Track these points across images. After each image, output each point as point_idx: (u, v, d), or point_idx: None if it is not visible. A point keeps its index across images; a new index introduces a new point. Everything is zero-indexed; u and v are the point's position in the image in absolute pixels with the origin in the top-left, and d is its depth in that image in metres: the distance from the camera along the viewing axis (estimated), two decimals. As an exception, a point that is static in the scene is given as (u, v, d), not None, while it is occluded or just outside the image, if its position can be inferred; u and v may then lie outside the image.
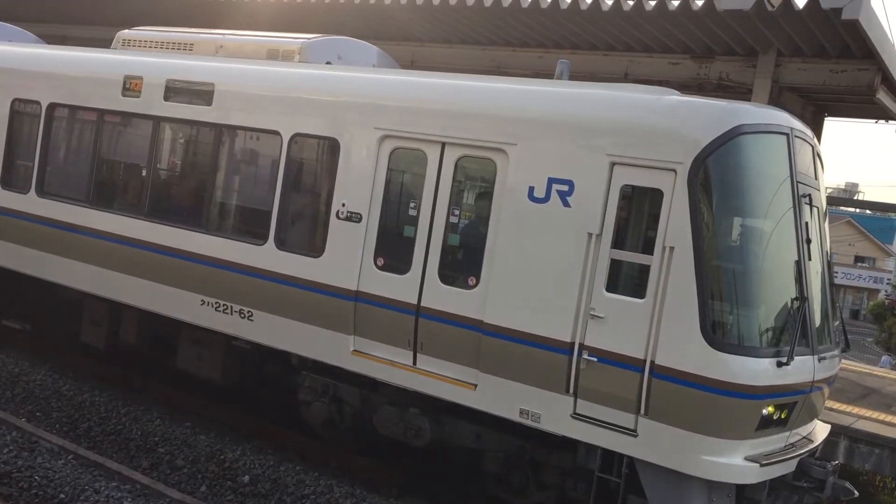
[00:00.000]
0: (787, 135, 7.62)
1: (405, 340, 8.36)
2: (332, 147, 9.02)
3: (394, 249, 8.55)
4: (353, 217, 8.71)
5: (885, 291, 59.12)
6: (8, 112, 11.95)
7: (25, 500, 7.67)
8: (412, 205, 8.48)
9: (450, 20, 12.86)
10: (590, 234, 7.42)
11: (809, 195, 7.78)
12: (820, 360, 7.73)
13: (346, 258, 8.71)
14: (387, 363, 8.49)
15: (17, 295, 12.50)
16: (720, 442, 7.05)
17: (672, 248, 7.07)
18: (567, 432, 7.59)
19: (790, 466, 7.65)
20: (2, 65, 12.36)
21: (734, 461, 7.11)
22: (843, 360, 9.11)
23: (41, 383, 11.25)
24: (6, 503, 7.44)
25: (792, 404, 7.51)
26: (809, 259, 7.65)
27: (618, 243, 7.40)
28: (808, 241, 7.64)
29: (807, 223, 7.66)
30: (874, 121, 13.53)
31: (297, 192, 9.51)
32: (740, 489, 7.47)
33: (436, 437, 8.62)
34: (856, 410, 11.20)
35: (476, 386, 7.97)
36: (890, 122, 13.21)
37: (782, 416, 7.45)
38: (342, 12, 13.40)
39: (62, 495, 7.83)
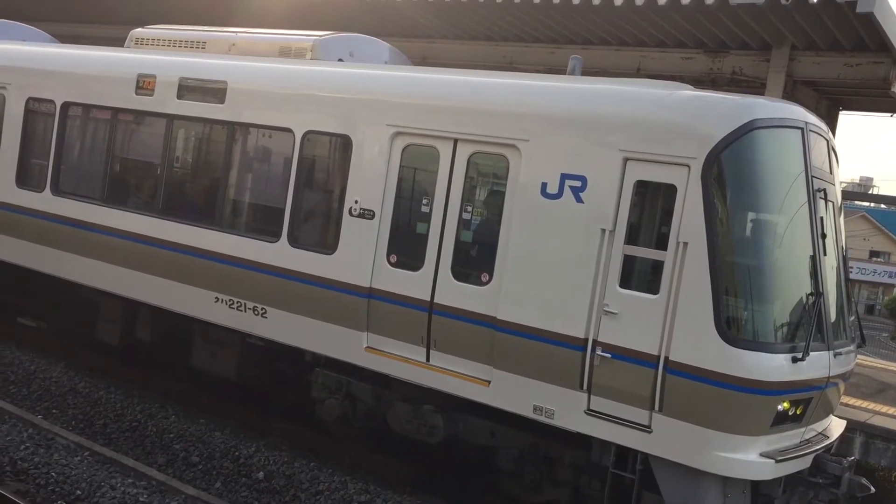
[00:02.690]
0: (801, 129, 7.57)
1: (418, 337, 8.37)
2: (344, 144, 9.03)
3: (406, 246, 8.56)
4: (366, 214, 8.72)
5: (901, 286, 58.67)
6: (23, 111, 12.02)
7: (42, 496, 7.73)
8: (425, 201, 8.48)
9: (461, 16, 12.84)
10: (603, 230, 7.39)
11: (824, 190, 7.73)
12: (835, 355, 7.69)
13: (359, 255, 8.71)
14: (400, 360, 8.50)
15: (32, 293, 12.58)
16: (735, 438, 7.02)
17: (686, 244, 7.04)
18: (581, 429, 7.58)
19: (806, 462, 7.62)
20: (17, 64, 12.43)
21: (749, 457, 7.08)
22: (858, 356, 9.06)
23: (57, 381, 11.33)
24: (24, 500, 7.49)
25: (807, 400, 7.47)
26: (824, 254, 7.61)
27: (631, 239, 7.38)
28: (823, 236, 7.59)
29: (822, 218, 7.61)
30: (889, 114, 13.45)
31: (309, 189, 9.53)
32: (755, 485, 7.45)
33: (449, 433, 8.62)
34: (872, 406, 11.14)
35: (489, 382, 7.97)
36: (905, 115, 13.13)
37: (798, 412, 7.41)
38: (354, 9, 13.41)
39: (78, 492, 7.87)
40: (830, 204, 7.93)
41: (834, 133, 11.09)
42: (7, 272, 12.24)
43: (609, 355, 7.32)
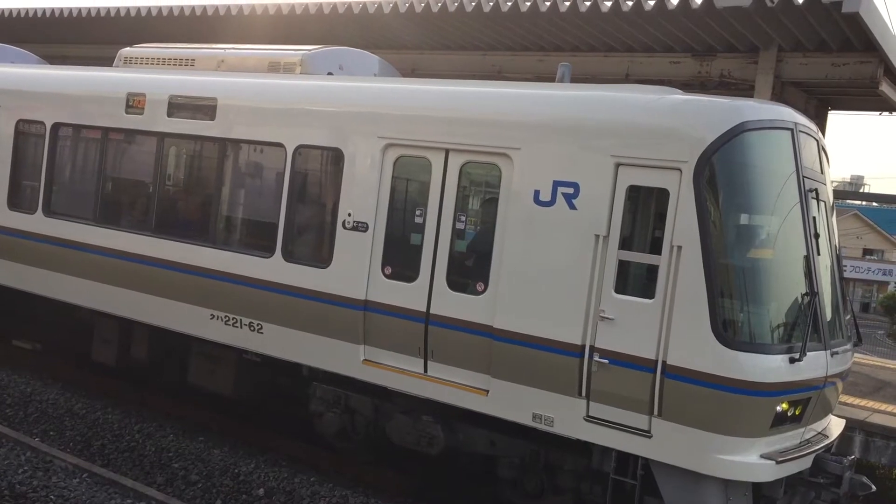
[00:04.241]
0: (791, 130, 7.61)
1: (415, 348, 8.36)
2: (336, 157, 9.03)
3: (401, 257, 8.55)
4: (360, 226, 8.72)
5: (895, 283, 58.84)
6: (13, 133, 12.01)
7: (42, 519, 7.69)
8: (418, 212, 8.48)
9: (449, 27, 12.88)
10: (597, 236, 7.40)
11: (816, 189, 7.76)
12: (832, 354, 7.70)
13: (354, 268, 8.71)
14: (398, 372, 8.48)
15: (27, 315, 12.53)
16: (735, 440, 7.02)
17: (680, 248, 7.06)
18: (581, 435, 7.57)
19: (806, 463, 7.62)
20: (5, 86, 12.42)
21: (750, 459, 7.08)
22: (855, 354, 9.07)
23: (54, 402, 11.28)
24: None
25: (806, 400, 7.48)
26: (818, 254, 7.63)
27: (625, 244, 7.39)
28: (816, 236, 7.62)
29: (814, 218, 7.64)
30: (878, 113, 13.51)
31: (302, 203, 9.52)
32: (757, 487, 7.44)
33: (449, 444, 8.60)
34: (870, 404, 11.14)
35: (488, 392, 7.96)
36: (894, 113, 13.19)
37: (796, 413, 7.42)
38: (341, 23, 13.43)
39: (78, 514, 7.84)
40: (822, 203, 7.96)
41: (823, 133, 11.11)
42: (1, 295, 12.19)
43: (607, 361, 7.32)
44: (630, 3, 10.93)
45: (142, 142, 10.83)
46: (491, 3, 11.79)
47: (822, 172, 8.15)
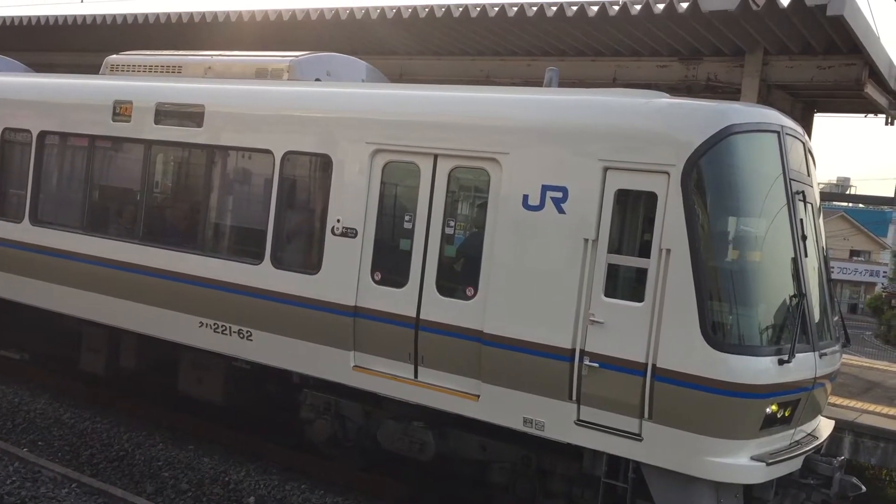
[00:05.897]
0: (777, 133, 7.64)
1: (406, 354, 8.34)
2: (324, 163, 9.02)
3: (391, 263, 8.54)
4: (349, 232, 8.71)
5: (882, 284, 59.21)
6: (-1, 142, 11.95)
7: (30, 530, 7.63)
8: (407, 218, 8.48)
9: (437, 32, 12.90)
10: (586, 240, 7.42)
11: (803, 192, 7.80)
12: (821, 356, 7.73)
13: (344, 274, 8.69)
14: (388, 377, 8.47)
15: (14, 325, 12.45)
16: (725, 443, 7.04)
17: (668, 251, 7.07)
18: (571, 439, 7.57)
19: (796, 464, 7.64)
20: (-9, 95, 12.35)
21: (740, 461, 7.09)
22: (844, 355, 9.10)
23: (42, 412, 11.21)
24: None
25: (795, 402, 7.50)
26: (806, 255, 7.66)
27: (614, 248, 7.40)
28: (804, 238, 7.65)
29: (801, 220, 7.67)
30: (863, 115, 13.60)
31: (291, 209, 9.50)
32: (748, 489, 7.45)
33: (441, 450, 8.59)
34: (859, 405, 11.18)
35: (479, 397, 7.95)
36: (879, 115, 13.28)
37: (786, 414, 7.44)
38: (328, 29, 13.43)
39: (67, 524, 7.78)
40: (809, 205, 7.99)
41: (810, 135, 11.20)
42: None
43: (597, 365, 7.33)
44: (617, 8, 10.98)
45: (129, 149, 10.78)
46: (478, 9, 11.82)
47: (808, 175, 8.19)
